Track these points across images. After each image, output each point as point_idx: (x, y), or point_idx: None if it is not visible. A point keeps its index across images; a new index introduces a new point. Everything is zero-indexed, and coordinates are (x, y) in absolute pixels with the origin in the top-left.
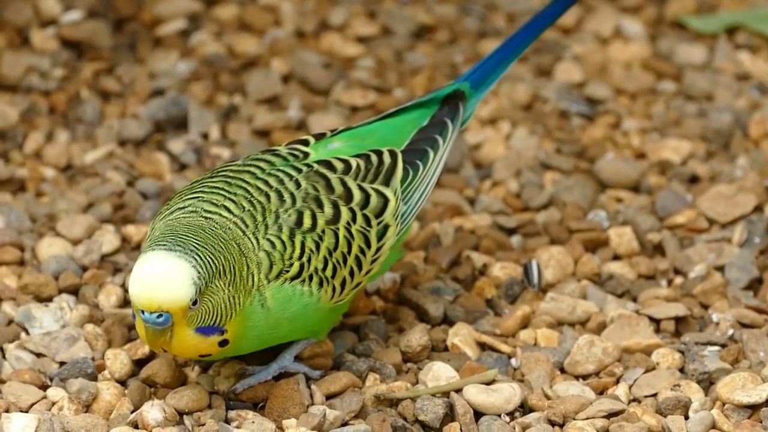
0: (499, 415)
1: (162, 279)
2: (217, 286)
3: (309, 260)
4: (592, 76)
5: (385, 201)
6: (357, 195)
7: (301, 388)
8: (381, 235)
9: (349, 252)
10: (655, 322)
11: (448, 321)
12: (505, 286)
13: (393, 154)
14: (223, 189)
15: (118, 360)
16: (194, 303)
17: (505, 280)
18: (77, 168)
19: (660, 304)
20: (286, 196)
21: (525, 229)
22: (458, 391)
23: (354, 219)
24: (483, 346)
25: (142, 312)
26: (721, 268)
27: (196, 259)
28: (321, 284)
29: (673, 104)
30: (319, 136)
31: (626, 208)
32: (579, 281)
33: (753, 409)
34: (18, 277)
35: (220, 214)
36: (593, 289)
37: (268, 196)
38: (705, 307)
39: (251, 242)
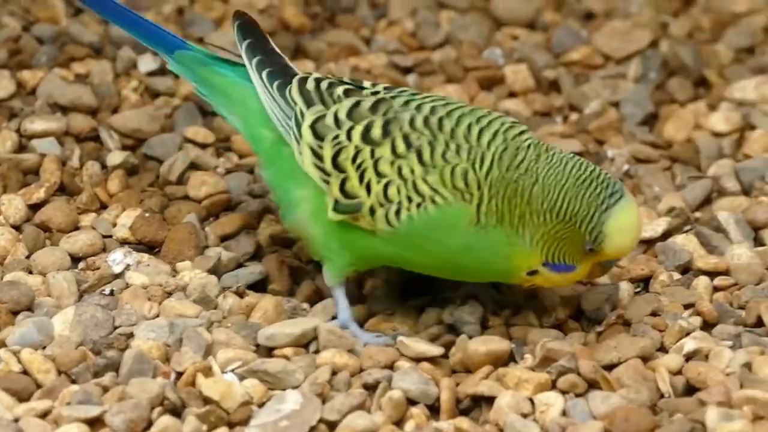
0: None
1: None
2: None
3: None
4: None
5: None
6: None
7: (197, 230)
8: None
9: None
10: None
11: None
12: None
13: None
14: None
15: (12, 205)
16: None
17: None
18: None
19: (556, 140)
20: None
21: (421, 68)
22: None
23: None
24: None
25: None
26: (616, 104)
27: None
28: None
29: None
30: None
31: (522, 45)
32: None
33: (648, 244)
34: None
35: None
36: None
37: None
38: (600, 143)
39: None
